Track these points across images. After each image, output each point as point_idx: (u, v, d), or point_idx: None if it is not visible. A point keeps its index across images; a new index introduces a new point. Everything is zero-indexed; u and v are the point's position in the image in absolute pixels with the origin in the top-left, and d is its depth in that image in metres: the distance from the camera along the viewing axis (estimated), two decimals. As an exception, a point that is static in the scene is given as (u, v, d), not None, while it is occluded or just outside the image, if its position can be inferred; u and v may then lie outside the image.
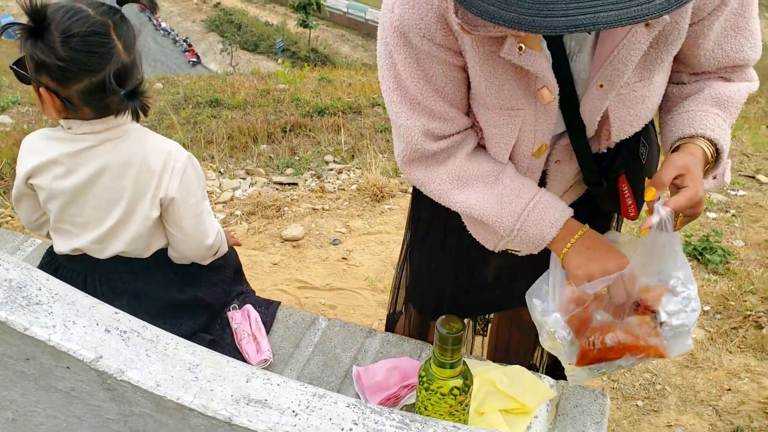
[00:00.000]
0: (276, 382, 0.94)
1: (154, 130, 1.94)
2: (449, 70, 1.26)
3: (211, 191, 4.50)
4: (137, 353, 0.96)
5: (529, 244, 1.38)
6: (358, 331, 1.93)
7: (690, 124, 1.30)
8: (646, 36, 1.14)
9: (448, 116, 1.33)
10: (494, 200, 1.35)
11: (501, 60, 1.19)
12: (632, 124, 1.32)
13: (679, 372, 2.75)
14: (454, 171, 1.37)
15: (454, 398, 1.36)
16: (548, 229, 1.34)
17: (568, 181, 1.45)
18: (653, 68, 1.24)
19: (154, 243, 1.72)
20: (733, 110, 1.33)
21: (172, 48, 48.73)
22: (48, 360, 0.98)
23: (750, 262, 3.54)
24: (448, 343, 1.29)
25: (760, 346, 2.84)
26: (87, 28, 1.43)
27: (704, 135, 1.28)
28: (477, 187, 1.37)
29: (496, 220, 1.36)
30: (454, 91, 1.31)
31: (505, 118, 1.30)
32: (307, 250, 3.63)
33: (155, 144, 1.63)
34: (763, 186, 4.83)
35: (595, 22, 0.86)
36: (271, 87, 10.29)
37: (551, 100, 1.24)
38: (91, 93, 1.49)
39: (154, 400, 0.93)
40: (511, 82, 1.23)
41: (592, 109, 1.27)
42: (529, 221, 1.34)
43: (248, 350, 1.84)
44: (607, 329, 1.36)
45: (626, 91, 1.25)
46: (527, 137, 1.33)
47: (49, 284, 1.01)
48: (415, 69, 1.26)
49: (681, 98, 1.38)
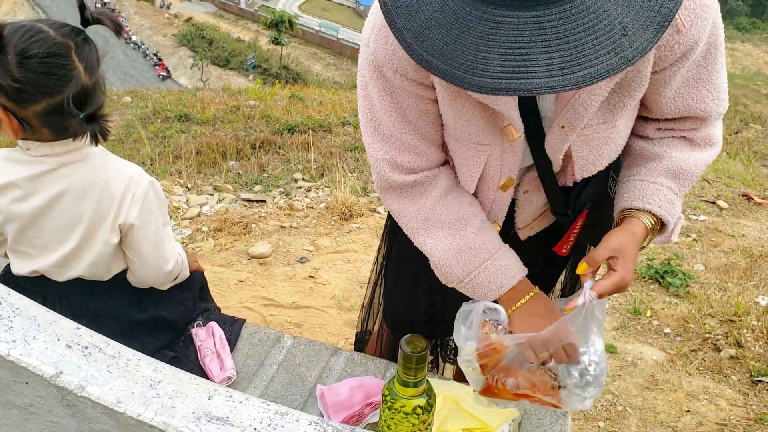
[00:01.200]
0: (238, 400, 0.94)
1: (121, 143, 1.93)
2: (422, 103, 1.29)
3: (177, 207, 4.46)
4: (98, 369, 0.95)
5: (475, 295, 1.41)
6: (323, 349, 1.93)
7: (640, 196, 1.33)
8: (606, 83, 1.16)
9: (418, 150, 1.35)
10: (452, 252, 1.38)
11: (468, 97, 1.22)
12: (596, 163, 1.35)
13: (639, 393, 2.79)
14: (423, 212, 1.40)
15: (417, 417, 1.36)
16: (495, 290, 1.37)
17: (537, 210, 1.48)
18: (616, 111, 1.26)
19: (114, 267, 1.70)
20: (687, 182, 1.36)
21: (141, 62, 48.38)
22: (6, 375, 0.96)
23: (710, 286, 3.62)
24: (411, 362, 1.30)
25: (718, 369, 2.90)
26: (46, 49, 1.40)
27: (650, 210, 1.31)
28: (441, 233, 1.39)
29: (449, 270, 1.39)
30: (428, 125, 1.33)
31: (471, 151, 1.33)
32: (274, 267, 3.62)
33: (116, 168, 1.61)
34: (723, 212, 4.95)
35: (516, 88, 0.90)
36: (241, 103, 10.27)
37: (517, 138, 1.27)
38: (49, 115, 1.46)
39: (114, 417, 0.93)
40: (479, 118, 1.26)
41: (555, 148, 1.30)
42: (477, 279, 1.37)
43: (212, 368, 1.83)
44: (511, 373, 1.40)
45: (589, 132, 1.28)
46: (494, 170, 1.35)
47: (10, 299, 1.00)
48: (388, 102, 1.29)
49: (642, 159, 1.39)
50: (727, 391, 2.78)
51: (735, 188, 5.50)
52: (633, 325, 3.26)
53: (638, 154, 1.40)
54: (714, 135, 1.37)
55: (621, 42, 0.90)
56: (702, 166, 1.37)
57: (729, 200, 5.17)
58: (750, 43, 59.95)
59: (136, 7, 56.76)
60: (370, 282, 1.96)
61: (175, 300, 1.88)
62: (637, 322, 3.27)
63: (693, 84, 1.27)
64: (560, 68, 0.89)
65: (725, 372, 2.88)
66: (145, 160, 5.99)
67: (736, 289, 3.56)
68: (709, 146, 1.38)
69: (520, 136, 1.27)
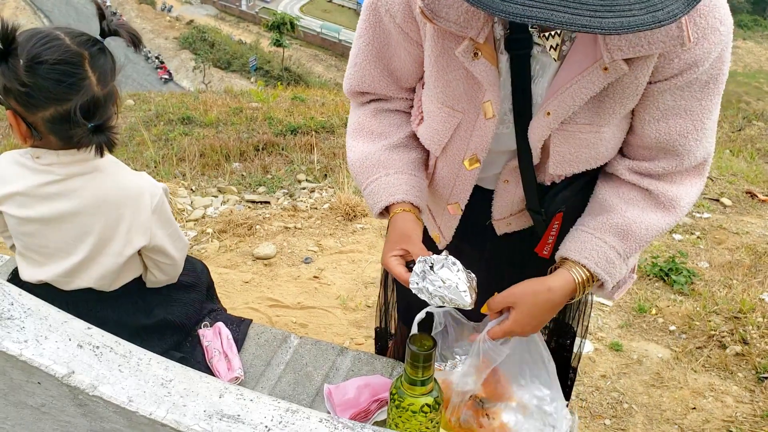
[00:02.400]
0: (249, 398, 0.95)
1: (125, 146, 1.95)
2: (400, 50, 1.35)
3: (182, 209, 4.47)
4: (110, 368, 0.96)
5: (370, 207, 1.46)
6: (329, 349, 1.94)
7: (579, 248, 1.33)
8: (601, 79, 1.16)
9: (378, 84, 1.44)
10: (361, 158, 1.45)
11: (455, 60, 1.23)
12: (571, 163, 1.33)
13: (645, 391, 2.79)
14: (361, 119, 1.49)
15: (425, 415, 1.37)
16: (376, 203, 1.42)
17: (514, 203, 1.47)
18: (604, 116, 1.24)
19: (121, 278, 1.70)
20: (635, 245, 1.33)
21: (143, 65, 48.45)
22: (19, 375, 0.97)
23: (714, 283, 3.62)
24: (419, 360, 1.30)
25: (723, 366, 2.90)
26: (58, 56, 1.40)
27: (587, 266, 1.31)
28: (362, 140, 1.47)
29: (355, 175, 1.48)
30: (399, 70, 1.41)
31: (444, 115, 1.34)
32: (278, 268, 3.63)
33: (129, 182, 1.60)
34: (726, 209, 4.95)
35: (547, 18, 0.89)
36: (243, 105, 10.29)
37: (491, 117, 1.27)
38: (56, 122, 1.46)
39: (126, 416, 0.93)
40: (459, 83, 1.27)
41: (536, 135, 1.28)
42: (369, 189, 1.43)
43: (219, 368, 1.84)
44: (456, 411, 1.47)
45: (573, 129, 1.26)
46: (461, 142, 1.37)
47: (22, 299, 1.01)
48: (370, 35, 1.37)
49: (598, 207, 1.38)
50: (733, 387, 2.79)
51: (738, 185, 5.49)
52: (638, 322, 3.26)
53: (597, 200, 1.39)
54: (681, 198, 1.34)
55: (655, 2, 0.91)
56: (654, 233, 1.34)
57: (733, 197, 5.17)
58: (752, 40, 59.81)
59: (138, 10, 56.89)
60: (381, 282, 1.97)
61: (182, 301, 1.89)
62: (642, 320, 3.28)
63: (681, 114, 1.23)
64: (593, 10, 0.89)
65: (731, 369, 2.88)
66: (148, 162, 6.00)
67: (741, 286, 3.56)
68: (671, 210, 1.34)
69: (494, 116, 1.27)
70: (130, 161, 6.06)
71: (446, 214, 1.54)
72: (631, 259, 1.41)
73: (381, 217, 1.45)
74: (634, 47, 1.10)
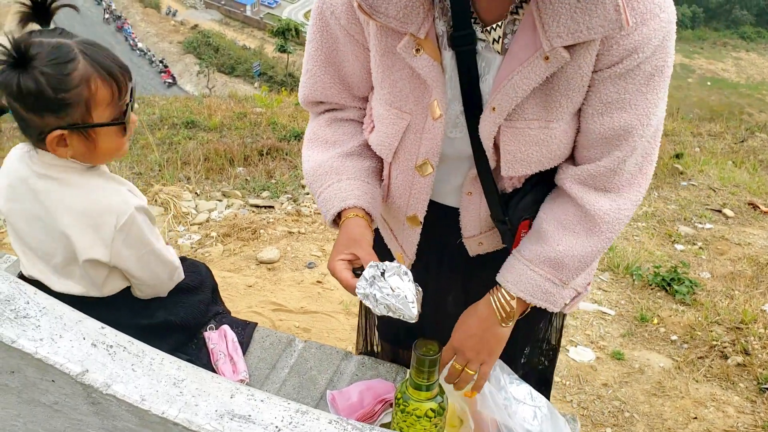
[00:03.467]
0: (260, 398, 0.96)
1: (129, 149, 1.92)
2: (347, 52, 1.34)
3: (186, 212, 4.49)
4: (123, 367, 0.97)
5: (324, 215, 1.44)
6: (334, 353, 1.95)
7: (517, 281, 1.37)
8: (543, 69, 1.14)
9: (330, 91, 1.43)
10: (314, 166, 1.44)
11: (399, 58, 1.23)
12: (523, 163, 1.30)
13: (647, 400, 2.80)
14: (313, 130, 1.49)
15: (430, 420, 1.38)
16: (329, 209, 1.39)
17: (482, 220, 1.45)
18: (552, 111, 1.22)
19: (108, 286, 1.66)
20: (569, 273, 1.36)
21: (147, 68, 48.58)
22: (33, 373, 0.98)
23: (716, 294, 3.63)
24: (424, 365, 1.32)
25: (725, 376, 2.91)
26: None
27: (516, 295, 1.37)
28: (316, 149, 1.46)
29: (309, 183, 1.46)
30: (349, 74, 1.40)
31: (393, 117, 1.33)
32: (282, 273, 3.64)
33: (97, 196, 1.55)
34: (729, 220, 4.96)
35: None
36: (247, 110, 10.31)
37: (438, 117, 1.26)
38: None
39: (139, 415, 0.95)
40: (405, 83, 1.27)
41: (485, 133, 1.26)
42: (322, 196, 1.41)
43: (224, 370, 1.85)
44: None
45: (521, 126, 1.24)
46: (411, 146, 1.35)
47: (37, 298, 1.03)
48: (318, 40, 1.36)
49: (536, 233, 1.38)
50: (734, 398, 2.79)
51: (741, 197, 5.50)
52: (640, 332, 3.27)
53: (536, 226, 1.39)
54: (616, 214, 1.31)
55: None
56: (587, 261, 1.35)
57: (735, 209, 5.18)
58: (755, 52, 59.90)
59: (143, 14, 57.06)
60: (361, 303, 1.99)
61: (185, 303, 1.90)
62: (644, 329, 3.28)
63: (626, 107, 1.20)
64: None
65: (732, 379, 2.89)
66: (153, 166, 6.02)
67: (743, 297, 3.57)
68: (604, 232, 1.32)
69: (441, 116, 1.26)
70: (134, 164, 6.08)
71: (406, 228, 1.52)
72: (578, 279, 1.42)
73: (334, 225, 1.42)
74: (572, 33, 1.08)
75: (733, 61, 57.70)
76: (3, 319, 0.98)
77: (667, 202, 5.29)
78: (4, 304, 1.00)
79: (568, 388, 2.85)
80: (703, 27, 65.42)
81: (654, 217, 4.92)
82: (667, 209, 5.11)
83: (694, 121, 10.87)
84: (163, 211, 4.45)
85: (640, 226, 4.71)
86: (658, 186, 5.71)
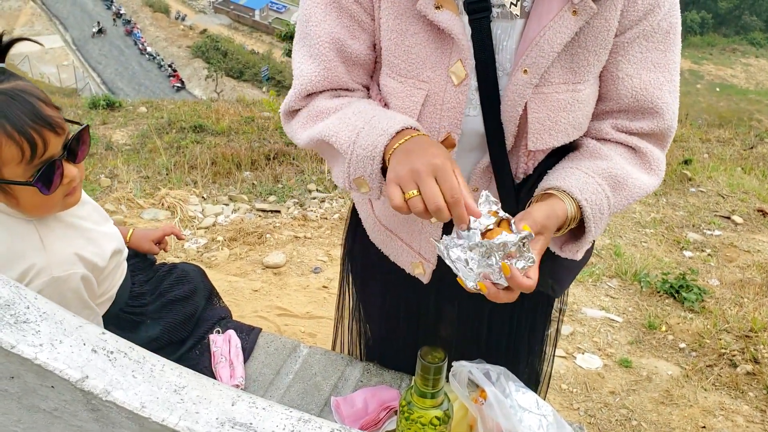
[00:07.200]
0: (261, 406, 0.95)
1: (137, 153, 1.88)
2: (356, 25, 1.24)
3: (193, 216, 4.49)
4: (123, 374, 0.96)
5: (366, 159, 1.15)
6: (339, 359, 1.93)
7: (574, 183, 1.19)
8: (572, 23, 1.13)
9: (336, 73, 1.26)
10: (337, 119, 1.22)
11: (416, 20, 1.18)
12: (551, 132, 1.23)
13: (654, 408, 2.77)
14: (309, 111, 1.28)
15: (434, 428, 1.36)
16: (379, 137, 1.13)
17: None
18: (579, 72, 1.20)
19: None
20: (621, 198, 1.23)
21: (156, 72, 48.78)
22: (33, 379, 0.97)
23: (725, 301, 3.60)
24: (429, 372, 1.30)
25: (734, 384, 2.88)
26: None
27: (578, 201, 1.18)
28: (325, 117, 1.25)
29: (335, 135, 1.19)
30: (358, 53, 1.26)
31: (408, 88, 1.23)
32: (288, 277, 3.63)
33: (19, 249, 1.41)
34: (738, 227, 4.93)
35: None
36: (255, 114, 10.33)
37: (464, 78, 1.19)
38: None
39: (139, 422, 0.94)
40: (421, 47, 1.20)
41: (513, 101, 1.19)
42: (363, 133, 1.16)
43: (222, 373, 1.84)
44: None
45: (549, 91, 1.20)
46: (432, 119, 1.24)
47: (37, 303, 1.02)
48: (326, 13, 1.24)
49: (589, 154, 1.28)
50: (743, 407, 2.76)
51: (750, 203, 5.46)
52: (648, 339, 3.24)
53: (588, 149, 1.29)
54: (662, 163, 1.30)
55: None
56: (639, 193, 1.26)
57: (744, 215, 5.14)
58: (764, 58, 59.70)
59: (152, 19, 57.31)
60: (338, 307, 1.95)
61: (182, 314, 1.89)
62: (652, 337, 3.26)
63: (651, 68, 1.22)
64: None
65: (742, 388, 2.86)
66: (160, 169, 6.03)
67: (752, 305, 3.54)
68: (655, 174, 1.29)
69: (467, 76, 1.18)
70: (141, 168, 6.09)
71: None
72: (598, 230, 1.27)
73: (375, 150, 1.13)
74: None
75: (743, 67, 57.53)
76: (3, 324, 0.97)
77: (675, 209, 5.26)
78: (3, 309, 0.99)
79: (575, 395, 2.83)
80: (712, 33, 65.31)
81: (662, 223, 4.89)
82: (676, 215, 5.08)
83: (702, 127, 10.84)
84: (169, 214, 4.45)
85: (648, 232, 4.68)
86: (667, 192, 5.67)
